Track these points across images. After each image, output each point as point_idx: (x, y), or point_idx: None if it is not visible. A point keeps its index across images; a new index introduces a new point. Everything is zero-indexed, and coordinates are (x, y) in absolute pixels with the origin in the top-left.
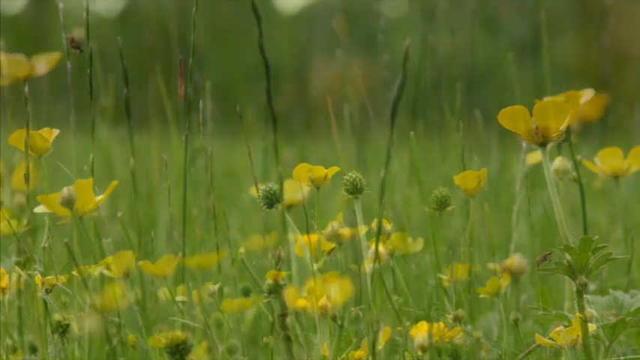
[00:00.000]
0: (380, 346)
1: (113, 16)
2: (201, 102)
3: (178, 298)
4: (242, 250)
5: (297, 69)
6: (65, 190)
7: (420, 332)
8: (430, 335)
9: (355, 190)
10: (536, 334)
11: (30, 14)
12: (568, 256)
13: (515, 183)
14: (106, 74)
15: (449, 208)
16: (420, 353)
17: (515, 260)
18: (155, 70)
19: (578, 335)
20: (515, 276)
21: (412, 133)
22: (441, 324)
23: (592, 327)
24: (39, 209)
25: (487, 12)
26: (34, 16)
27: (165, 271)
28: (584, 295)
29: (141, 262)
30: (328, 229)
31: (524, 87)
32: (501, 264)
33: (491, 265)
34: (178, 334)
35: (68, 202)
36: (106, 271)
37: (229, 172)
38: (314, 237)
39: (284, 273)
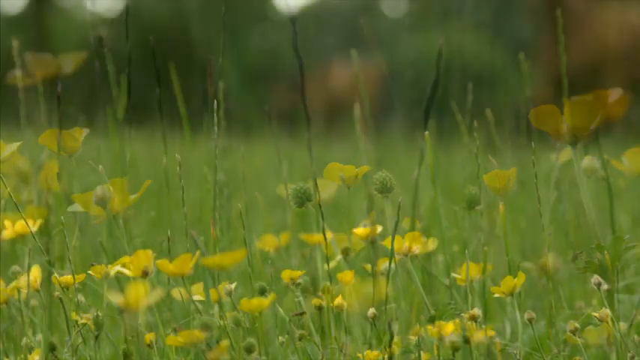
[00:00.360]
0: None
1: (113, 16)
2: (214, 103)
3: (196, 297)
4: (263, 247)
5: (313, 70)
6: (99, 189)
7: (451, 329)
8: (463, 331)
9: (385, 189)
10: (568, 333)
11: (30, 14)
12: (599, 255)
13: (531, 182)
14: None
15: (478, 207)
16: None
17: (550, 259)
18: (156, 70)
19: (608, 334)
20: (549, 275)
21: (426, 132)
22: (470, 323)
23: (622, 325)
24: (73, 208)
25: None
26: (34, 15)
27: (183, 271)
28: (612, 294)
29: (159, 261)
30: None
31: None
32: (537, 263)
33: (526, 265)
34: (197, 332)
35: (102, 201)
36: (124, 270)
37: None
38: (329, 235)
39: (299, 272)
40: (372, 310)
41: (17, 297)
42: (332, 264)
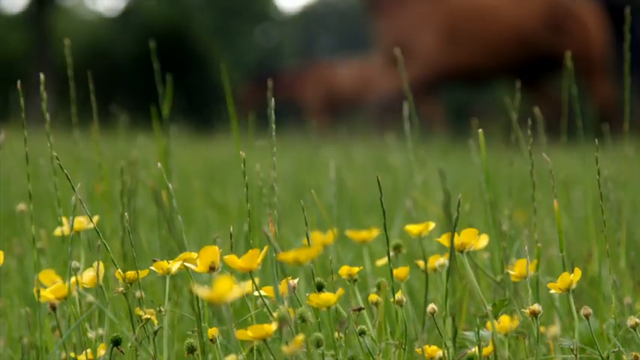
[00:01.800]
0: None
1: (114, 16)
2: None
3: (262, 292)
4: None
5: (313, 69)
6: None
7: (511, 324)
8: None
9: None
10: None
11: (31, 13)
12: None
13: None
14: (120, 75)
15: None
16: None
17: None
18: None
19: None
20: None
21: (480, 130)
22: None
23: None
24: None
25: None
26: (35, 15)
27: (252, 266)
28: None
29: (227, 257)
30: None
31: None
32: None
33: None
34: (266, 327)
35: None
36: (191, 266)
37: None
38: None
39: (356, 269)
40: (431, 306)
41: (75, 293)
42: (382, 261)
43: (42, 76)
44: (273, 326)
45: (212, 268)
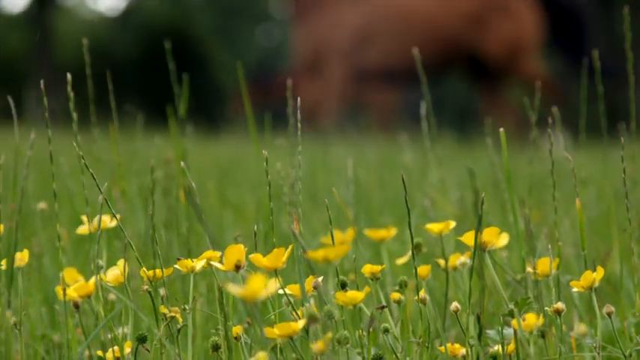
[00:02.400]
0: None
1: (115, 16)
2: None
3: (288, 290)
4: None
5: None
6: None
7: (535, 322)
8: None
9: None
10: None
11: (32, 13)
12: None
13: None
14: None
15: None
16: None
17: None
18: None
19: None
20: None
21: (501, 130)
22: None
23: None
24: None
25: None
26: (36, 15)
27: (277, 264)
28: None
29: (252, 255)
30: None
31: None
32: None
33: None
34: (293, 325)
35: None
36: (216, 265)
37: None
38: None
39: (379, 267)
40: (455, 304)
41: (98, 291)
42: (403, 259)
43: (69, 75)
44: (300, 324)
45: (238, 267)
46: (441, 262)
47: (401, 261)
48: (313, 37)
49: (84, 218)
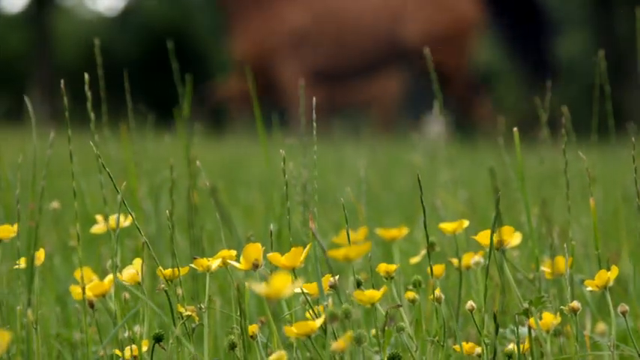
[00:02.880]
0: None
1: (114, 16)
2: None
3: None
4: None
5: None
6: None
7: (552, 320)
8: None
9: None
10: None
11: (31, 13)
12: None
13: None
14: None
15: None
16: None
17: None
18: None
19: None
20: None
21: (515, 129)
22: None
23: None
24: None
25: None
26: (35, 14)
27: (295, 263)
28: None
29: (270, 254)
30: None
31: None
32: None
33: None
34: (311, 323)
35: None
36: (234, 264)
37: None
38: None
39: (394, 266)
40: (470, 303)
41: (115, 290)
42: (416, 258)
43: (86, 75)
44: (318, 323)
45: (255, 266)
46: (455, 261)
47: (414, 260)
48: (253, 39)
49: (99, 217)
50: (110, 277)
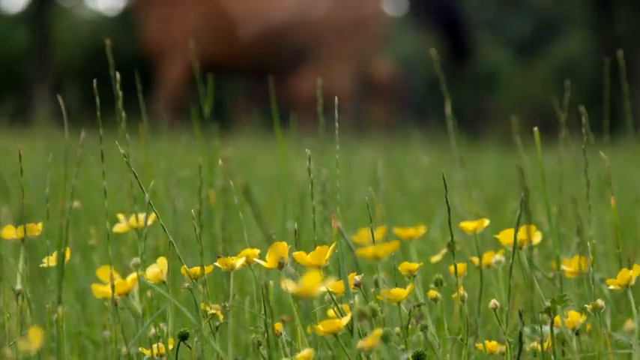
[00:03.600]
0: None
1: (114, 15)
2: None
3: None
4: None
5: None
6: None
7: (578, 319)
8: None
9: None
10: None
11: (31, 13)
12: None
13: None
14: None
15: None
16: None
17: None
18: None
19: None
20: None
21: (535, 128)
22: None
23: None
24: None
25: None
26: (35, 14)
27: (320, 262)
28: None
29: (295, 253)
30: None
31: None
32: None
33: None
34: (337, 321)
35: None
36: (260, 262)
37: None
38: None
39: (416, 265)
40: (494, 302)
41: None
42: (437, 257)
43: (117, 74)
44: (344, 321)
45: (281, 264)
46: (475, 260)
47: (435, 259)
48: (158, 29)
49: (120, 216)
50: (133, 275)
